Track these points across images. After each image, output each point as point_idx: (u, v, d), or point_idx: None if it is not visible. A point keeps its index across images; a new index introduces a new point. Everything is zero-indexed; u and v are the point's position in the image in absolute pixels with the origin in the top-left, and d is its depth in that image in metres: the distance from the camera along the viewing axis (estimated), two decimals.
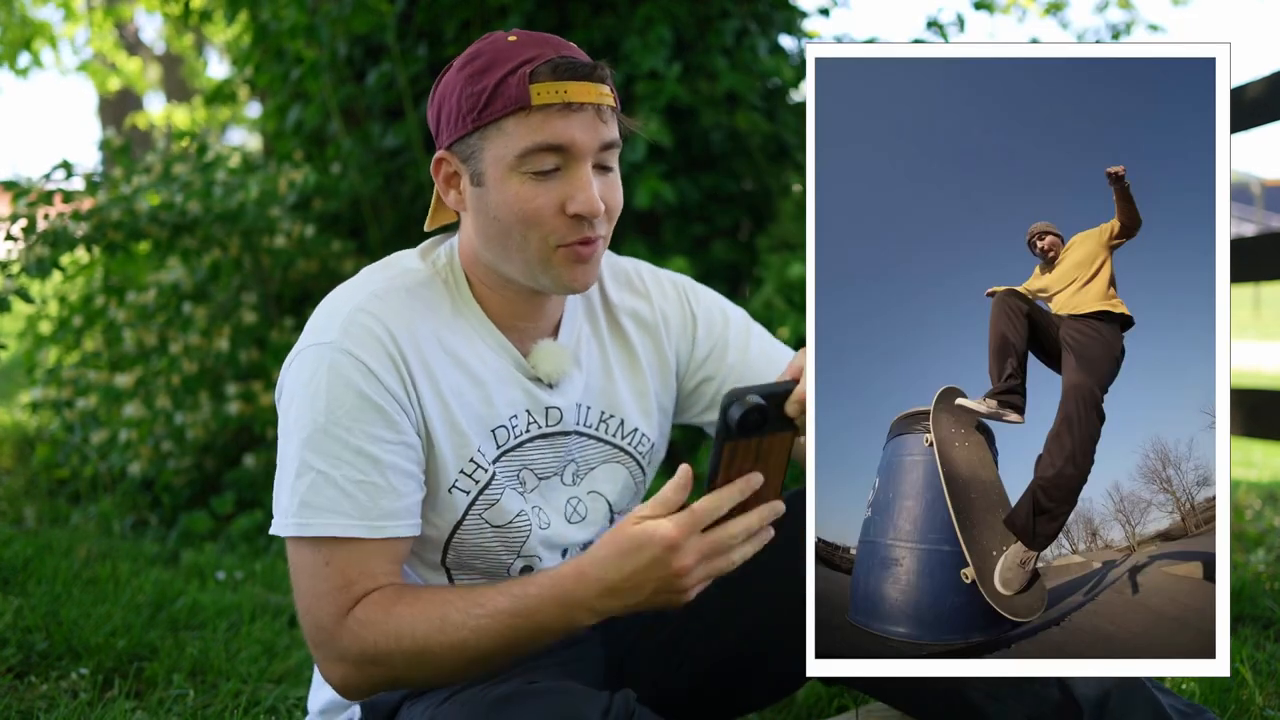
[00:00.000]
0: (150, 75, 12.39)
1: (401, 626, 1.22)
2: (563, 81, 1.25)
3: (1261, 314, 15.14)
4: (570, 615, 1.21)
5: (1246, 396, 2.71)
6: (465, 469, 1.34)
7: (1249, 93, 2.63)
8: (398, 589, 1.27)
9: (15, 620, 2.08)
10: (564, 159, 1.27)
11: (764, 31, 3.80)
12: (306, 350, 1.29)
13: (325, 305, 1.34)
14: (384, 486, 1.26)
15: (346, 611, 1.25)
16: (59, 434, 3.89)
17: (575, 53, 1.30)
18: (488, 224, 1.31)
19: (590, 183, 1.27)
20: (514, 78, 1.25)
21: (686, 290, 1.56)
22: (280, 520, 1.28)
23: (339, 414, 1.25)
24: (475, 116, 1.27)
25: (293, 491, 1.26)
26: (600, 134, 1.28)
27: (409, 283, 1.35)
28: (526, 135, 1.25)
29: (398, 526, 1.28)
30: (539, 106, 1.25)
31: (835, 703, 1.86)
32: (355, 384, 1.25)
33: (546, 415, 1.41)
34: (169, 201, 3.21)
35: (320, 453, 1.25)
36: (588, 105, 1.26)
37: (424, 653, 1.22)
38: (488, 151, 1.28)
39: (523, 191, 1.27)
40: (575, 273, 1.31)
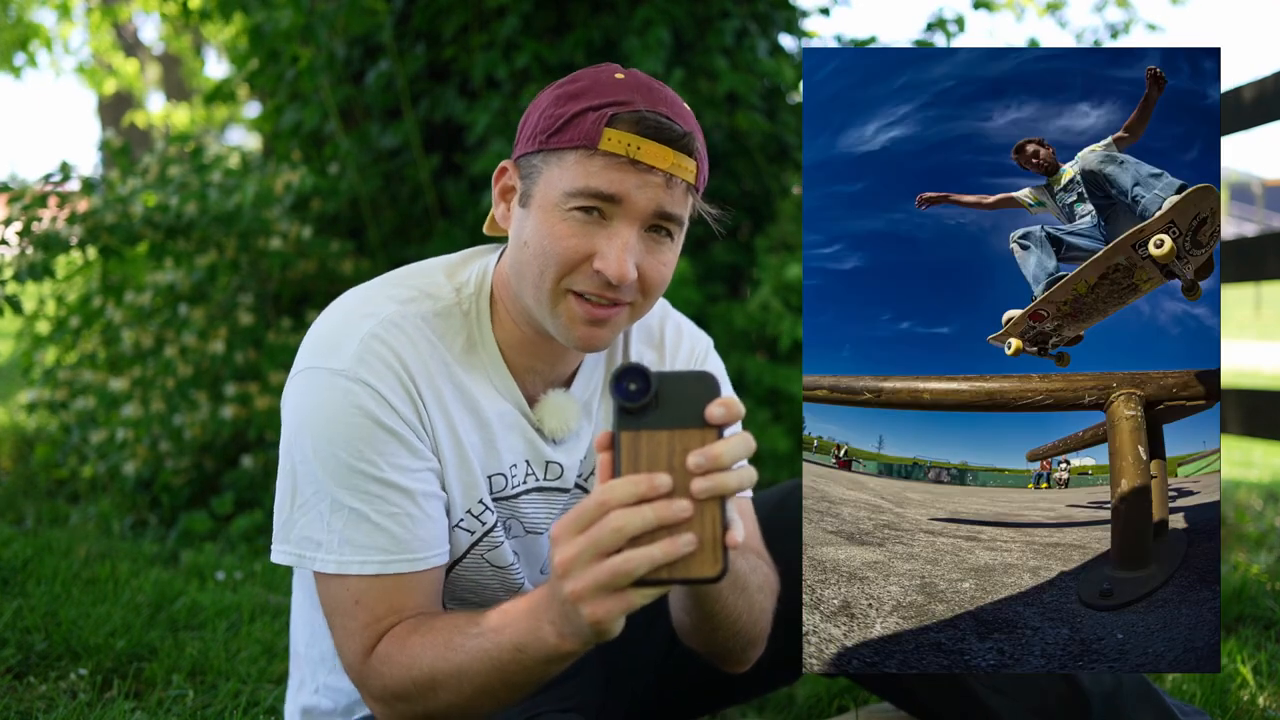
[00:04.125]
0: (149, 75, 12.39)
1: (412, 657, 1.18)
2: (640, 137, 1.18)
3: (1262, 314, 15.15)
4: (537, 629, 1.08)
5: (1246, 396, 2.71)
6: (473, 509, 1.31)
7: (1249, 93, 2.64)
8: (418, 619, 1.22)
9: (14, 620, 2.07)
10: (611, 211, 1.20)
11: (764, 32, 3.80)
12: (318, 372, 1.24)
13: (335, 318, 1.29)
14: (419, 515, 1.23)
15: (370, 650, 1.22)
16: (57, 434, 3.89)
17: (678, 116, 1.21)
18: (519, 248, 1.26)
19: (628, 245, 1.20)
20: (594, 114, 1.19)
21: (699, 354, 1.50)
22: (311, 555, 1.23)
23: (362, 448, 1.21)
24: (545, 139, 1.22)
25: (329, 528, 1.22)
26: (660, 201, 1.20)
27: (425, 310, 1.29)
28: (582, 176, 1.19)
29: (435, 555, 1.25)
30: (604, 152, 1.18)
31: (835, 703, 1.86)
32: (375, 415, 1.21)
33: (546, 469, 1.37)
34: (164, 204, 3.20)
35: (349, 489, 1.21)
36: (658, 170, 1.19)
37: (431, 682, 1.16)
38: (544, 176, 1.23)
39: (560, 228, 1.21)
40: (583, 331, 1.25)
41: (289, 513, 1.25)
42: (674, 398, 0.99)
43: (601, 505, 0.96)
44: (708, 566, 0.97)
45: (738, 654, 1.31)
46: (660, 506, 0.95)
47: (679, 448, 0.98)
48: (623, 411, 0.98)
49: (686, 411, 0.98)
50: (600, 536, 0.96)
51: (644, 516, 0.95)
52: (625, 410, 0.98)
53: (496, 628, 1.12)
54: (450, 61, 3.64)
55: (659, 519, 0.95)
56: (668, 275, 1.26)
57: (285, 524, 1.25)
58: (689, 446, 0.98)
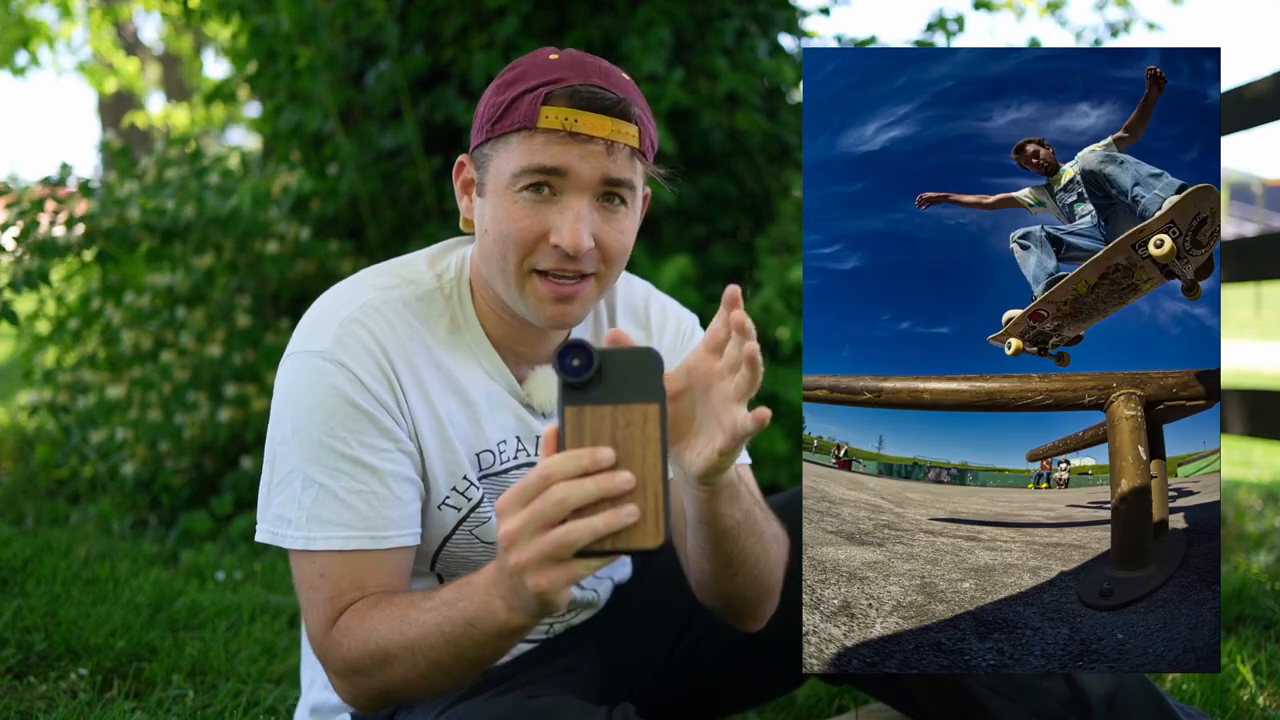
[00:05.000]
0: (149, 75, 12.39)
1: (369, 630, 1.21)
2: (576, 110, 1.21)
3: (1262, 314, 15.15)
4: (488, 603, 1.10)
5: (1246, 396, 2.71)
6: (458, 486, 1.33)
7: (1249, 93, 2.64)
8: (379, 595, 1.25)
9: (14, 620, 2.07)
10: (559, 186, 1.24)
11: (764, 32, 3.79)
12: (299, 356, 1.28)
13: (320, 307, 1.33)
14: (385, 495, 1.25)
15: (332, 623, 1.24)
16: (58, 434, 3.89)
17: (613, 84, 1.25)
18: (481, 236, 1.30)
19: (580, 216, 1.23)
20: (530, 95, 1.23)
21: (685, 331, 1.53)
22: (283, 531, 1.26)
23: (334, 425, 1.24)
24: (490, 127, 1.26)
25: (299, 505, 1.25)
26: (604, 169, 1.23)
27: (407, 295, 1.33)
28: (525, 155, 1.23)
29: (401, 536, 1.27)
30: (544, 129, 1.22)
31: (835, 703, 1.86)
32: (347, 394, 1.24)
33: (537, 444, 1.39)
34: (160, 207, 3.20)
35: (320, 465, 1.24)
36: (597, 138, 1.22)
37: (386, 654, 1.19)
38: (493, 163, 1.27)
39: (513, 210, 1.25)
40: (552, 309, 1.28)
41: (268, 491, 1.29)
42: (617, 373, 1.01)
43: (545, 478, 0.98)
44: (650, 537, 1.00)
45: (754, 605, 1.35)
46: (602, 479, 0.97)
47: (621, 421, 1.01)
48: (567, 387, 1.00)
49: (629, 386, 1.01)
50: (544, 509, 0.98)
51: (586, 489, 0.97)
52: (569, 385, 1.00)
53: (450, 601, 1.15)
54: (450, 62, 3.64)
55: (601, 491, 0.97)
56: (627, 242, 1.29)
57: (264, 502, 1.29)
58: (631, 421, 1.00)
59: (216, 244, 3.41)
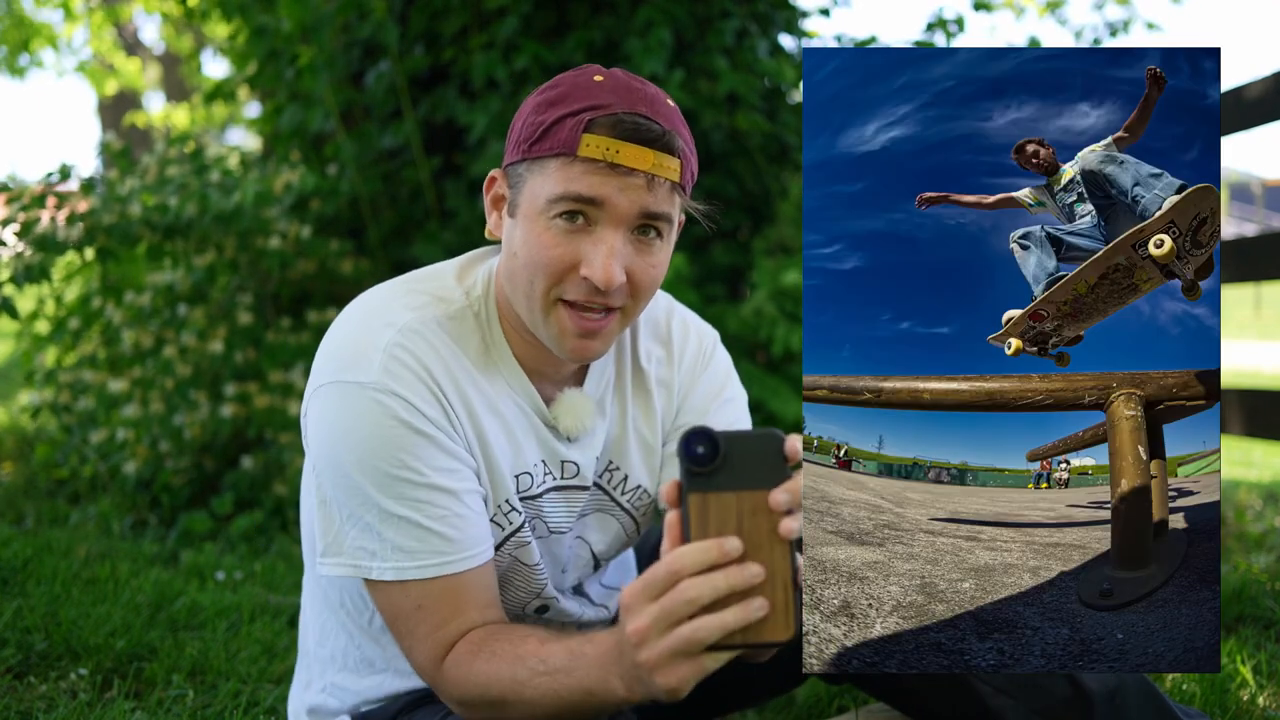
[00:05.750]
0: (150, 75, 12.39)
1: (484, 680, 1.19)
2: (618, 140, 1.17)
3: (1262, 314, 15.15)
4: (606, 679, 1.09)
5: (1246, 396, 2.71)
6: (502, 507, 1.32)
7: (1249, 93, 2.64)
8: (482, 636, 1.22)
9: (15, 620, 2.07)
10: (595, 216, 1.20)
11: (764, 32, 3.80)
12: (346, 387, 1.23)
13: (353, 331, 1.28)
14: (467, 514, 1.24)
15: (442, 658, 1.23)
16: (58, 434, 3.88)
17: (658, 114, 1.20)
18: (509, 258, 1.27)
19: (614, 250, 1.19)
20: (572, 120, 1.18)
21: (706, 349, 1.50)
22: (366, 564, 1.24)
23: (402, 456, 1.21)
24: (528, 147, 1.22)
25: (380, 539, 1.23)
26: (643, 203, 1.19)
27: (439, 314, 1.30)
28: (563, 182, 1.19)
29: (488, 549, 1.26)
30: (584, 158, 1.18)
31: (835, 703, 1.86)
32: (408, 422, 1.21)
33: (563, 469, 1.38)
34: (162, 204, 3.20)
35: (396, 498, 1.22)
36: (639, 171, 1.18)
37: (504, 702, 1.18)
38: (528, 186, 1.23)
39: (545, 237, 1.21)
40: (575, 342, 1.25)
41: (338, 525, 1.25)
42: (740, 457, 0.98)
43: (674, 574, 0.96)
44: (780, 630, 0.97)
45: None
46: (732, 573, 0.95)
47: (747, 509, 0.98)
48: (691, 474, 0.98)
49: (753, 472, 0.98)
50: (673, 607, 0.96)
51: (715, 585, 0.95)
52: (693, 473, 0.98)
53: (565, 669, 1.13)
54: (450, 62, 3.64)
55: (730, 586, 0.95)
56: (658, 277, 1.26)
57: (336, 538, 1.25)
58: (757, 507, 0.98)
59: (218, 242, 3.41)
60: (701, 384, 1.48)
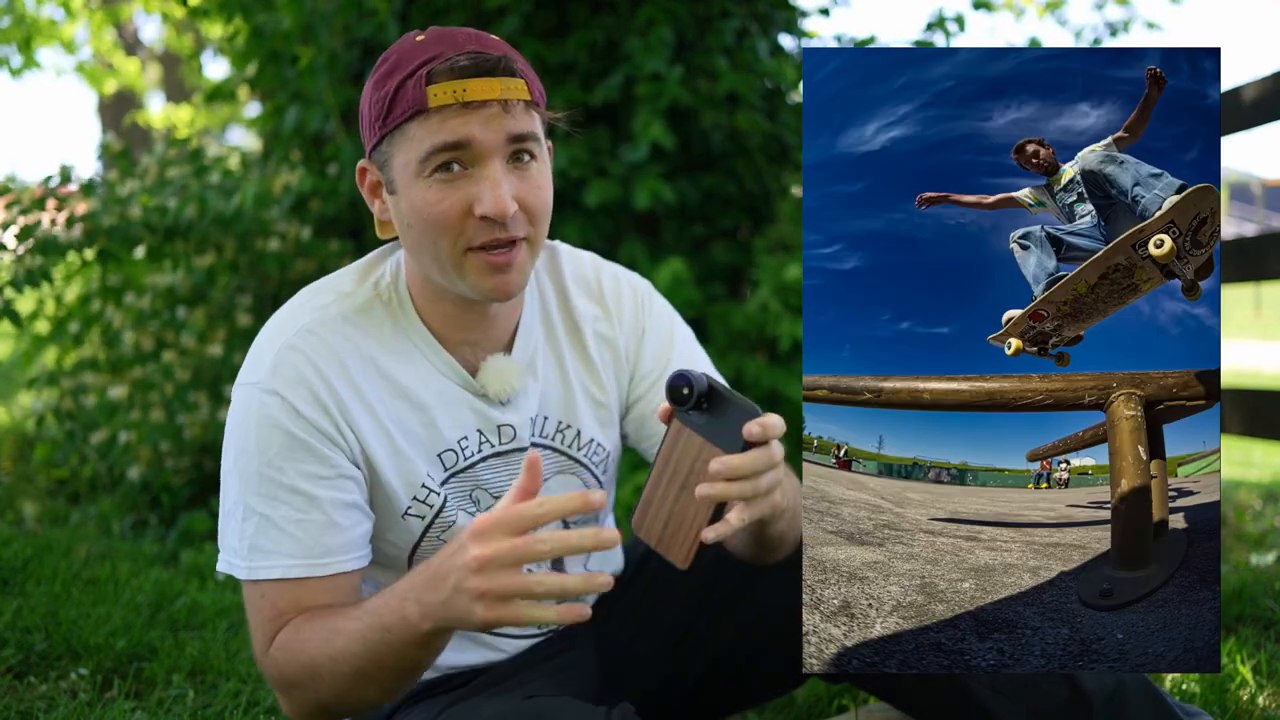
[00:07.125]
0: (150, 75, 12.39)
1: (301, 644, 1.21)
2: (461, 80, 1.20)
3: (1262, 314, 15.15)
4: (402, 608, 1.13)
5: (1246, 396, 2.71)
6: (418, 495, 1.33)
7: (1249, 93, 2.64)
8: (315, 610, 1.25)
9: (15, 620, 2.07)
10: (468, 158, 1.22)
11: (764, 32, 3.79)
12: (241, 388, 1.29)
13: (263, 335, 1.32)
14: (324, 523, 1.25)
15: (271, 641, 1.25)
16: (58, 434, 3.89)
17: (487, 46, 1.24)
18: (405, 231, 1.28)
19: (498, 182, 1.22)
20: (412, 80, 1.21)
21: (642, 299, 1.51)
22: (232, 561, 1.28)
23: (270, 454, 1.24)
24: (382, 123, 1.24)
25: (240, 535, 1.26)
26: (506, 128, 1.22)
27: (343, 309, 1.32)
28: (426, 137, 1.21)
29: (342, 562, 1.27)
30: (436, 108, 1.20)
31: (835, 703, 1.86)
32: (282, 424, 1.24)
33: (499, 434, 1.38)
34: (162, 206, 3.20)
35: (260, 495, 1.25)
36: (491, 101, 1.21)
37: (315, 666, 1.20)
38: (396, 158, 1.25)
39: (429, 195, 1.23)
40: (493, 281, 1.26)
41: (221, 521, 1.30)
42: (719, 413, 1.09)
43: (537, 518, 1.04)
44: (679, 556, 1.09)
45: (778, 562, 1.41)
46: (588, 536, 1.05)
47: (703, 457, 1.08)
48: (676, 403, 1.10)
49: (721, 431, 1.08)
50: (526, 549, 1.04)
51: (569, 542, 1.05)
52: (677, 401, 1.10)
53: (366, 611, 1.17)
54: None
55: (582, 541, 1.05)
56: (547, 198, 1.28)
57: (220, 532, 1.30)
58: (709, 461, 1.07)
59: (217, 243, 3.41)
60: (651, 337, 1.49)
